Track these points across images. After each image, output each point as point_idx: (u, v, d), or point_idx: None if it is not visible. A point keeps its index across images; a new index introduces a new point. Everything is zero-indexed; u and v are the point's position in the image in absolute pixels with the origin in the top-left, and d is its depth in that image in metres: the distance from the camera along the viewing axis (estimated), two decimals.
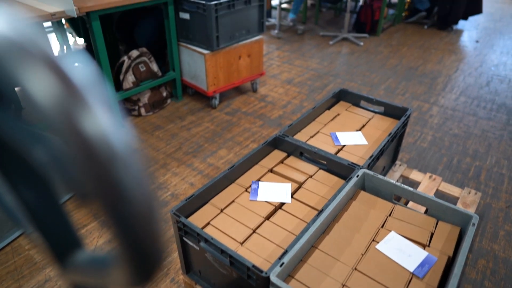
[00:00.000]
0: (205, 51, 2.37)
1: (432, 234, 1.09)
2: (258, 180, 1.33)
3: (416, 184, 1.67)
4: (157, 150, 2.18)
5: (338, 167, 1.35)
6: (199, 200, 1.20)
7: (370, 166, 1.33)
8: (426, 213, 1.19)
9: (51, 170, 0.23)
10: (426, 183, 1.61)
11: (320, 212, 1.11)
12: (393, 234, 1.07)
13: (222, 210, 1.20)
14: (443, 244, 1.05)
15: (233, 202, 1.23)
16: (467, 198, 1.53)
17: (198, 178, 1.96)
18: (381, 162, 1.55)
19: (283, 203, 1.23)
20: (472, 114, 2.57)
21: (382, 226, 1.11)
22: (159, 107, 2.60)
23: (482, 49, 3.78)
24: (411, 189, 1.18)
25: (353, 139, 1.56)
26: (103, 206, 0.21)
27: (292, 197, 1.25)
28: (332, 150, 1.48)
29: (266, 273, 0.90)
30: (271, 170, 1.39)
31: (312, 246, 1.05)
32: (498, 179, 1.96)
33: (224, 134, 2.33)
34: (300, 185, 1.31)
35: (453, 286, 0.85)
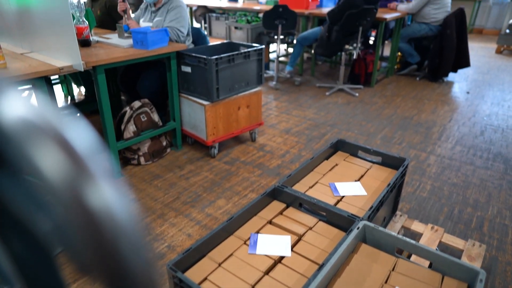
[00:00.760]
0: (205, 102, 2.44)
1: None
2: (257, 232, 1.31)
3: (418, 235, 1.64)
4: (155, 200, 2.16)
5: (338, 219, 1.33)
6: (197, 253, 1.17)
7: (370, 218, 1.32)
8: (430, 267, 1.15)
9: (53, 239, 0.23)
10: (429, 235, 1.58)
11: (321, 266, 1.08)
12: None
13: (220, 264, 1.16)
14: None
15: (231, 255, 1.20)
16: (472, 251, 1.49)
17: (196, 229, 1.92)
18: (381, 213, 1.53)
19: (283, 257, 1.20)
20: (469, 163, 2.59)
21: (386, 282, 1.07)
22: (159, 156, 2.61)
23: (473, 99, 3.91)
24: (414, 242, 1.15)
25: (352, 190, 1.56)
26: (104, 279, 0.21)
27: (292, 250, 1.22)
28: (331, 201, 1.47)
29: None
30: (270, 222, 1.37)
31: None
32: (502, 230, 1.93)
33: (222, 184, 2.32)
34: (299, 237, 1.29)
35: None
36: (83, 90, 4.12)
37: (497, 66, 5.30)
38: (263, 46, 2.65)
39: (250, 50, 2.56)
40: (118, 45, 2.39)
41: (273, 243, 1.24)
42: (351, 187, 1.57)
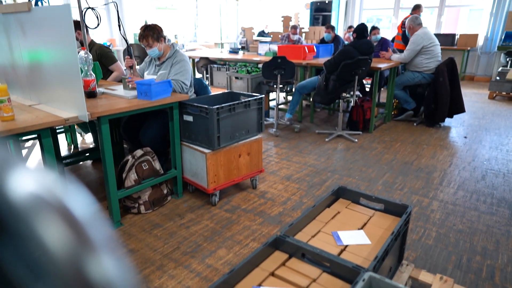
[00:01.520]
0: (206, 150, 2.47)
1: None
2: (259, 285, 1.26)
3: (427, 286, 1.58)
4: (154, 250, 2.11)
5: (342, 270, 1.29)
6: None
7: (376, 268, 1.28)
8: None
9: None
10: (438, 286, 1.52)
11: None
12: None
13: None
14: None
15: None
16: None
17: (196, 281, 1.85)
18: (387, 263, 1.49)
19: None
20: (473, 209, 2.56)
21: None
22: (159, 205, 2.59)
23: (471, 144, 3.95)
24: None
25: (355, 239, 1.53)
26: None
27: None
28: (334, 250, 1.44)
29: None
30: (273, 274, 1.33)
31: None
32: None
33: (223, 233, 2.27)
34: None
35: None
36: (87, 138, 4.19)
37: (491, 111, 5.42)
38: (263, 96, 2.74)
39: (250, 99, 2.64)
40: (123, 96, 2.48)
41: None
42: (355, 236, 1.54)
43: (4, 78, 2.56)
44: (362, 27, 3.90)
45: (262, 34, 9.83)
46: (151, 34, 2.69)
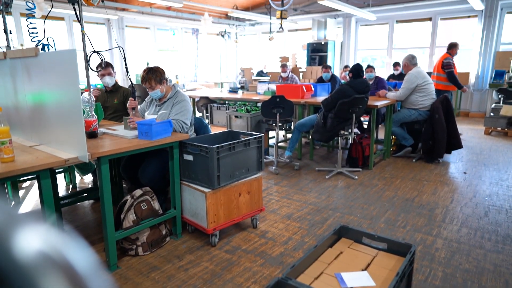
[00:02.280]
0: (206, 190, 2.46)
1: None
2: None
3: None
4: None
5: None
6: None
7: None
8: None
9: None
10: None
11: None
12: None
13: None
14: None
15: None
16: None
17: None
18: None
19: None
20: (478, 247, 2.50)
21: None
22: (157, 246, 2.53)
23: (471, 180, 3.94)
24: None
25: (359, 280, 1.48)
26: None
27: None
28: None
29: None
30: None
31: None
32: None
33: (223, 275, 2.20)
34: None
35: None
36: (86, 178, 4.17)
37: (488, 147, 5.46)
38: (263, 134, 2.78)
39: (250, 138, 2.67)
40: (124, 136, 2.51)
41: None
42: (359, 278, 1.50)
43: (7, 120, 2.60)
44: (358, 67, 4.03)
45: (261, 74, 10.14)
46: (154, 77, 2.77)
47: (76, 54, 1.89)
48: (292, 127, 4.82)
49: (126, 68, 2.78)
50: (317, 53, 9.98)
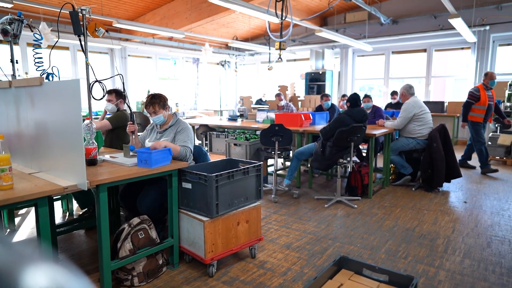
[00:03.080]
0: (204, 218, 2.43)
1: None
2: None
3: None
4: None
5: None
6: None
7: None
8: None
9: None
10: None
11: None
12: None
13: None
14: None
15: None
16: None
17: None
18: None
19: None
20: (483, 280, 2.45)
21: None
22: (154, 276, 2.47)
23: (472, 209, 3.91)
24: None
25: None
26: None
27: None
28: None
29: None
30: None
31: None
32: None
33: None
34: None
35: None
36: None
37: (488, 176, 5.46)
38: (262, 163, 2.78)
39: (249, 166, 2.67)
40: (123, 163, 2.51)
41: None
42: None
43: (8, 147, 2.61)
44: (355, 97, 4.11)
45: (260, 102, 10.29)
46: (158, 101, 2.85)
47: (79, 84, 1.94)
48: (290, 155, 4.84)
49: (125, 95, 2.83)
50: (315, 82, 10.18)
